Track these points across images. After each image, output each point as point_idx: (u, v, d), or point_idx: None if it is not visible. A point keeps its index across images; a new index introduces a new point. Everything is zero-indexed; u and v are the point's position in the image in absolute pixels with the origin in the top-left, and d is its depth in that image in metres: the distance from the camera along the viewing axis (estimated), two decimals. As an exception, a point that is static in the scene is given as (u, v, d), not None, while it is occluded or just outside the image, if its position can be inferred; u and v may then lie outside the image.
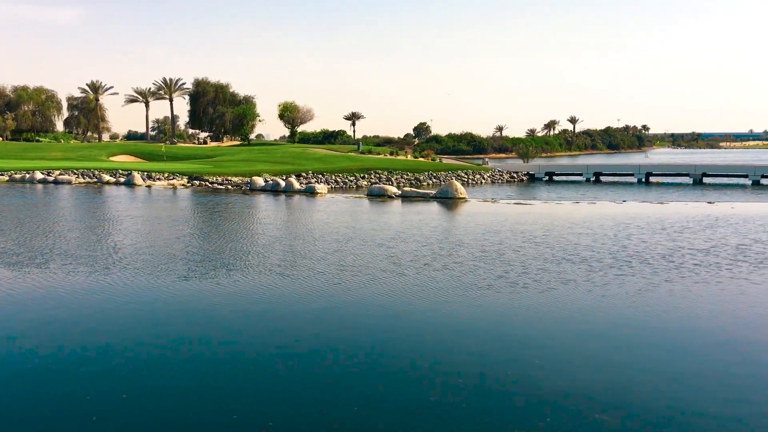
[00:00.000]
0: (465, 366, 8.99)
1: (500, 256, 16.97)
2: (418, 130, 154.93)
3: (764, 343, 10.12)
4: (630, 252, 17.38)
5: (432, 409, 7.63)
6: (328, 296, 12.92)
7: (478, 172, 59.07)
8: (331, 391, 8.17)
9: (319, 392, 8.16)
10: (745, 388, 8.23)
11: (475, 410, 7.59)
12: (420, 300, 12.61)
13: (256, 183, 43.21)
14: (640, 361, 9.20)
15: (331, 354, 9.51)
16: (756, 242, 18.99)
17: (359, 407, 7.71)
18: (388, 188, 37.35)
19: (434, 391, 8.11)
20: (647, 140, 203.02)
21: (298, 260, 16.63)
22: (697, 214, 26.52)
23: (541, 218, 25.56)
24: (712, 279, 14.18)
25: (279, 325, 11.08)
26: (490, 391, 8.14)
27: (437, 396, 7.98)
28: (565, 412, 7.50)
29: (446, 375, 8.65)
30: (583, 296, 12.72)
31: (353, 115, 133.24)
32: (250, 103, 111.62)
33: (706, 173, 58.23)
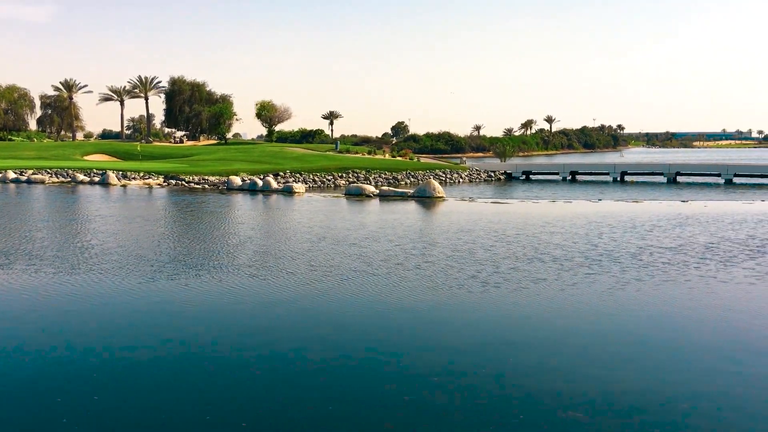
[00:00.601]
0: (436, 365, 9.00)
1: (472, 255, 16.93)
2: (396, 129, 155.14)
3: (730, 339, 10.26)
4: (600, 251, 17.46)
5: (406, 407, 7.64)
6: (295, 297, 12.78)
7: (455, 172, 59.29)
8: (302, 391, 8.14)
9: (290, 392, 8.12)
10: (719, 382, 8.35)
11: (450, 408, 7.61)
12: (390, 300, 12.52)
13: (233, 182, 42.93)
14: (609, 358, 9.27)
15: (298, 354, 9.44)
16: (725, 240, 19.23)
17: (334, 406, 7.69)
18: (366, 187, 37.33)
19: (407, 390, 8.12)
20: (622, 140, 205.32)
21: (268, 260, 16.47)
22: (670, 212, 26.86)
23: (516, 217, 25.73)
24: (681, 277, 14.24)
25: (244, 326, 10.94)
26: (463, 389, 8.16)
27: (411, 395, 8.00)
28: (536, 409, 7.56)
29: (417, 375, 8.66)
30: (553, 295, 12.73)
31: (331, 114, 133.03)
32: (227, 102, 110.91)
33: (679, 172, 59.03)
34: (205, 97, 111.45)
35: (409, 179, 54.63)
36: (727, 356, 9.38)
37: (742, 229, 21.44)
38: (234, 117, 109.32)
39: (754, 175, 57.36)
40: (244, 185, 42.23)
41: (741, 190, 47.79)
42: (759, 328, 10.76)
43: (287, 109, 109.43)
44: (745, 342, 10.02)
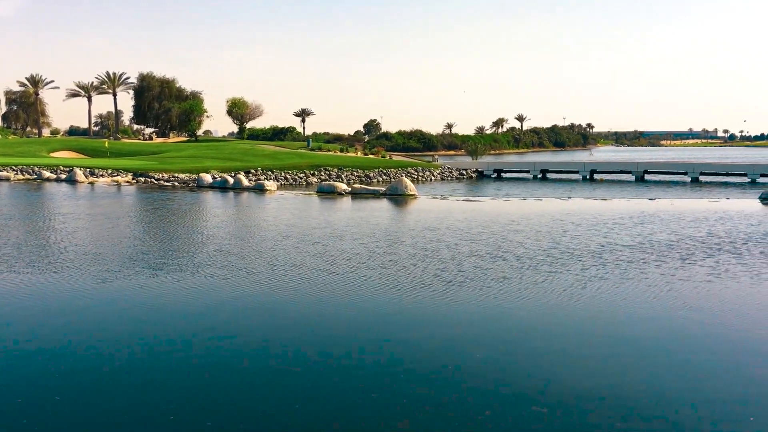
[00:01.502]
0: (399, 362, 8.99)
1: (437, 253, 16.83)
2: (369, 127, 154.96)
3: (689, 336, 10.41)
4: (563, 249, 17.48)
5: (374, 402, 7.64)
6: (250, 296, 12.60)
7: (427, 169, 59.46)
8: (260, 389, 8.13)
9: (248, 390, 8.08)
10: (677, 378, 8.49)
11: (415, 403, 7.63)
12: (348, 300, 12.38)
13: (203, 180, 42.50)
14: (570, 355, 9.33)
15: (256, 353, 9.39)
16: (686, 238, 19.43)
17: (301, 404, 7.66)
18: (338, 185, 37.24)
19: (372, 387, 8.12)
20: (592, 138, 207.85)
21: (229, 259, 16.24)
22: (637, 210, 27.24)
23: (485, 215, 25.83)
24: (641, 275, 14.26)
25: (196, 325, 10.81)
26: (429, 384, 8.19)
27: (377, 393, 7.99)
28: (503, 404, 7.62)
29: (377, 372, 8.67)
30: (515, 294, 12.72)
31: (303, 111, 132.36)
32: (197, 99, 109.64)
33: (647, 171, 59.90)
34: (174, 94, 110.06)
35: (381, 177, 54.64)
36: (684, 353, 9.50)
37: (704, 227, 21.75)
38: (204, 114, 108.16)
39: (719, 173, 58.45)
40: (214, 183, 41.85)
41: (707, 188, 48.69)
42: (715, 326, 10.84)
43: (259, 106, 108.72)
44: (701, 339, 10.13)
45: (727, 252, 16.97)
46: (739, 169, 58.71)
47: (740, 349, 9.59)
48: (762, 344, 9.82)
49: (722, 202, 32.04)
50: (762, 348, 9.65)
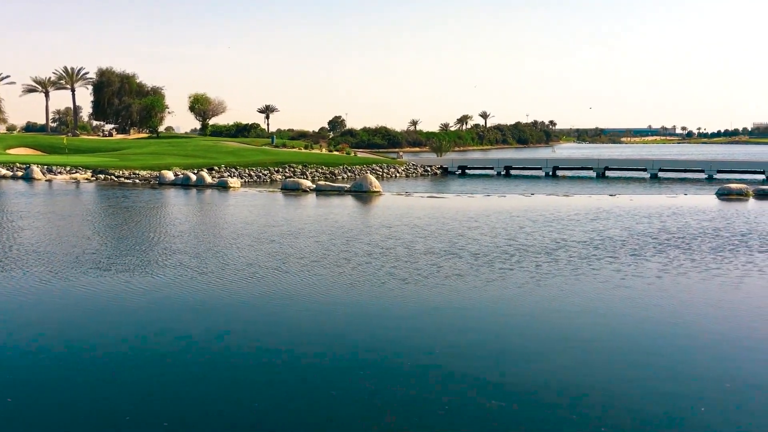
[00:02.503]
0: (352, 360, 8.96)
1: (393, 251, 16.61)
2: (333, 123, 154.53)
3: (642, 333, 10.57)
4: (518, 245, 17.39)
5: (330, 399, 7.62)
6: (195, 297, 12.32)
7: (392, 166, 59.57)
8: (206, 387, 8.07)
9: (194, 389, 8.02)
10: (628, 375, 8.61)
11: (373, 400, 7.62)
12: (295, 299, 12.15)
13: (165, 177, 41.88)
14: (524, 352, 9.38)
15: (187, 354, 9.26)
16: (640, 234, 19.55)
17: (260, 403, 7.59)
18: (302, 182, 37.03)
19: (325, 385, 8.09)
20: (554, 135, 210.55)
21: (179, 258, 15.86)
22: (597, 206, 27.61)
23: (445, 212, 25.78)
24: (593, 272, 14.24)
25: (134, 324, 10.60)
26: (384, 381, 8.19)
27: (333, 390, 7.97)
28: (458, 399, 7.66)
29: (329, 368, 8.62)
30: (468, 291, 12.61)
31: (267, 108, 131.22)
32: (158, 95, 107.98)
33: (608, 167, 60.99)
34: (135, 90, 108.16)
35: (346, 174, 54.55)
36: (633, 350, 9.57)
37: (660, 223, 22.01)
38: (166, 110, 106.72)
39: (677, 169, 59.80)
40: (177, 180, 41.26)
41: (666, 184, 49.78)
42: (664, 323, 10.88)
43: (222, 102, 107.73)
44: (649, 335, 10.16)
45: (679, 247, 17.11)
46: (696, 165, 60.16)
47: (689, 345, 9.67)
48: (710, 340, 9.92)
49: (680, 198, 32.71)
50: (711, 343, 9.75)
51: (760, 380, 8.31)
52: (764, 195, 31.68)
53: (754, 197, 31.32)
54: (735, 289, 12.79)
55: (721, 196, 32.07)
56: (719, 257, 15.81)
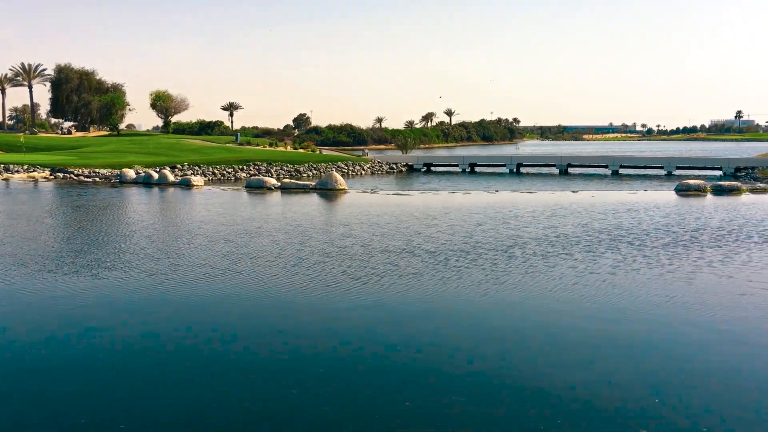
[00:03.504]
0: (305, 362, 8.93)
1: (349, 250, 16.49)
2: (298, 121, 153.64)
3: (596, 330, 10.73)
4: (474, 243, 17.40)
5: (281, 398, 7.56)
6: (135, 298, 12.10)
7: (358, 164, 59.48)
8: (153, 387, 8.07)
9: (146, 390, 7.98)
10: (586, 374, 8.75)
11: (329, 398, 7.61)
12: (241, 299, 12.03)
13: (126, 175, 41.16)
14: (476, 349, 9.44)
15: (134, 356, 9.17)
16: (599, 230, 19.86)
17: (210, 401, 7.52)
18: (267, 180, 36.75)
19: (275, 384, 8.04)
20: (518, 132, 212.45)
21: (129, 259, 15.54)
22: (558, 203, 27.97)
23: (407, 209, 25.79)
24: (547, 269, 14.32)
25: (88, 328, 10.41)
26: (346, 382, 8.18)
27: (294, 388, 7.91)
28: (419, 397, 7.72)
29: (283, 368, 8.61)
30: (423, 289, 12.61)
31: (231, 105, 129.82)
32: (118, 91, 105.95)
33: (571, 164, 61.78)
34: (95, 86, 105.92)
35: (311, 171, 54.31)
36: (586, 345, 9.77)
37: (620, 219, 22.36)
38: (127, 107, 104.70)
39: (638, 166, 60.89)
40: (138, 178, 40.62)
41: (626, 181, 50.61)
42: (614, 321, 11.05)
43: (184, 99, 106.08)
44: (602, 332, 10.32)
45: (633, 244, 17.27)
46: (656, 162, 61.32)
47: (639, 342, 9.80)
48: (662, 336, 10.08)
49: (640, 194, 33.34)
50: (663, 340, 9.91)
51: (709, 372, 8.54)
52: (721, 190, 32.48)
53: (711, 193, 32.09)
54: (686, 284, 12.98)
55: (680, 192, 32.77)
56: (671, 253, 16.03)
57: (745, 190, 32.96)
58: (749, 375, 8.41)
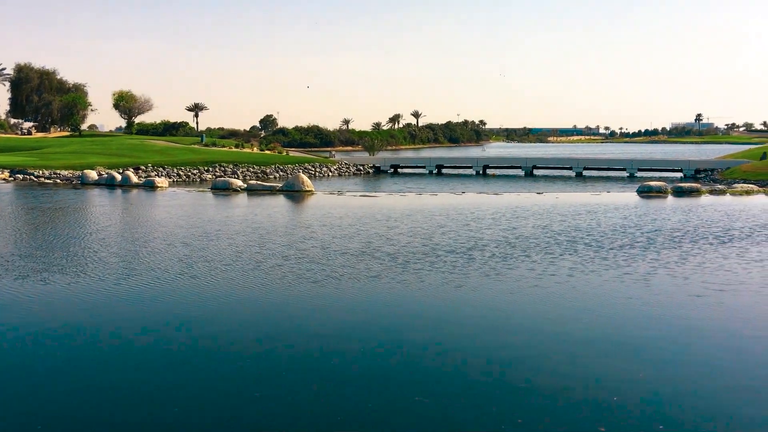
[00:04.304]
0: (259, 366, 8.93)
1: (308, 253, 16.32)
2: (265, 122, 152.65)
3: (562, 332, 10.88)
4: (433, 245, 17.34)
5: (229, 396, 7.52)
6: (81, 304, 11.84)
7: (325, 165, 59.37)
8: (86, 392, 8.02)
9: (72, 395, 7.93)
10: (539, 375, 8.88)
11: (291, 399, 7.60)
12: (194, 304, 11.85)
13: (88, 177, 40.41)
14: (434, 350, 9.52)
15: (95, 360, 9.11)
16: (558, 232, 20.09)
17: (130, 409, 7.43)
18: (233, 181, 36.44)
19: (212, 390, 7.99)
20: (484, 134, 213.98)
21: (81, 263, 15.17)
22: (522, 204, 28.26)
23: (372, 211, 25.72)
24: (507, 270, 14.37)
25: (29, 332, 10.25)
26: (302, 383, 8.17)
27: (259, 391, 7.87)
28: (386, 396, 7.76)
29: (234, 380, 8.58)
30: (382, 293, 12.57)
31: (196, 106, 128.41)
32: (80, 91, 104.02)
33: (536, 166, 62.54)
34: (56, 86, 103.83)
35: (278, 173, 54.04)
36: (545, 346, 9.93)
37: (577, 221, 22.59)
38: (89, 107, 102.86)
39: (601, 168, 61.91)
40: (101, 180, 39.91)
41: (590, 182, 51.43)
42: (572, 321, 11.26)
43: (148, 99, 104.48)
44: (560, 335, 10.45)
45: (591, 246, 17.43)
46: (619, 164, 62.42)
47: (597, 343, 9.94)
48: (619, 337, 10.24)
49: (603, 196, 33.88)
50: (621, 341, 10.07)
51: (663, 372, 8.71)
52: (681, 192, 33.19)
53: (672, 194, 32.77)
54: (644, 286, 13.17)
55: (641, 193, 33.39)
56: (629, 254, 16.24)
57: (705, 192, 33.71)
58: (704, 374, 8.60)
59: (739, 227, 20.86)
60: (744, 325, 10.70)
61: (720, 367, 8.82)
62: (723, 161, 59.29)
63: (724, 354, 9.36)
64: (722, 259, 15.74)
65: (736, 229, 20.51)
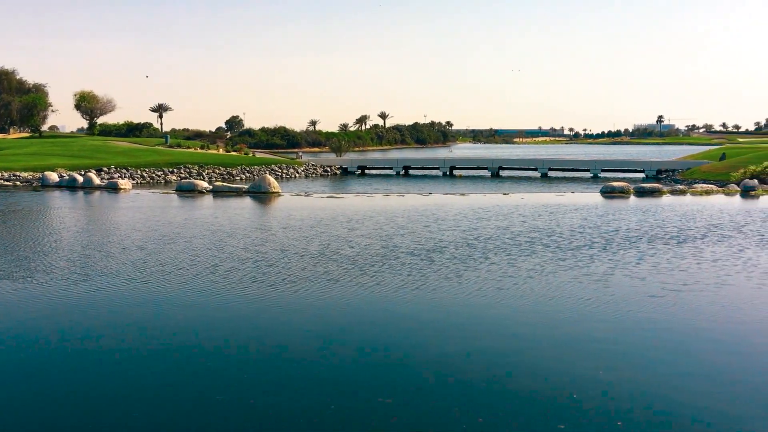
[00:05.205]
0: (209, 370, 8.91)
1: (266, 256, 16.13)
2: (231, 123, 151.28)
3: (522, 335, 11.03)
4: (392, 247, 17.28)
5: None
6: (34, 310, 11.59)
7: (292, 166, 59.14)
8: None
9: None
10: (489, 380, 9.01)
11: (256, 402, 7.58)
12: (145, 310, 11.61)
13: (49, 178, 39.59)
14: (404, 349, 9.62)
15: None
16: (523, 232, 20.29)
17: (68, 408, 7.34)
18: (198, 183, 36.05)
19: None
20: (451, 136, 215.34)
21: (28, 267, 14.80)
22: (484, 205, 28.41)
23: (335, 212, 25.64)
24: (467, 272, 14.34)
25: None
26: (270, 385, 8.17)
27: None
28: (350, 397, 7.80)
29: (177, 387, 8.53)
30: (339, 297, 12.47)
31: (160, 107, 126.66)
32: (41, 92, 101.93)
33: (502, 167, 63.17)
34: (15, 86, 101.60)
35: (244, 174, 53.69)
36: (506, 347, 10.07)
37: (539, 221, 22.91)
38: (49, 108, 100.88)
39: (565, 169, 62.80)
40: (62, 181, 39.13)
41: (555, 183, 52.11)
42: (534, 323, 11.45)
43: (111, 100, 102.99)
44: (520, 336, 10.63)
45: (549, 247, 17.55)
46: (583, 165, 63.37)
47: (558, 343, 10.08)
48: (579, 336, 10.41)
49: (568, 196, 34.32)
50: (579, 340, 10.26)
51: (622, 372, 8.88)
52: (643, 192, 33.83)
53: (634, 195, 33.39)
54: (602, 287, 13.35)
55: (605, 194, 33.94)
56: (587, 255, 16.43)
57: (666, 192, 34.39)
58: (662, 374, 8.77)
59: (695, 227, 21.28)
60: (699, 324, 10.94)
61: (673, 364, 9.03)
62: (683, 162, 60.59)
63: (677, 353, 9.57)
64: (679, 259, 16.04)
65: (692, 229, 20.92)
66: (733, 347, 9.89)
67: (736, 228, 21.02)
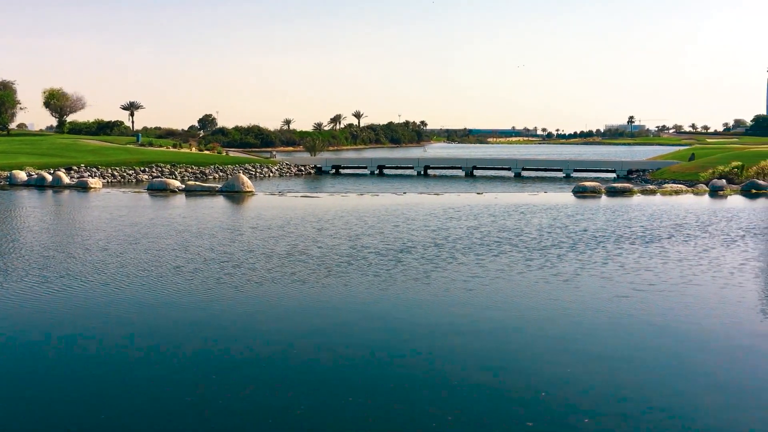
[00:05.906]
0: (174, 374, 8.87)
1: (233, 255, 15.96)
2: (204, 122, 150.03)
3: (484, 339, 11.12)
4: (359, 247, 17.23)
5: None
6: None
7: (265, 166, 58.87)
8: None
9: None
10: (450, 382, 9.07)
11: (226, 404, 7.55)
12: (102, 311, 11.45)
13: (16, 177, 38.92)
14: (371, 348, 9.64)
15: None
16: (493, 232, 20.43)
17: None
18: (170, 182, 35.69)
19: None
20: (425, 135, 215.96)
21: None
22: (455, 205, 28.52)
23: (311, 212, 25.56)
24: (435, 274, 14.31)
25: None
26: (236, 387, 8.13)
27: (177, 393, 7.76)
28: (316, 397, 7.76)
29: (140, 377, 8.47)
30: (303, 297, 12.43)
31: (131, 105, 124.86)
32: (8, 89, 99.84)
33: (476, 166, 63.51)
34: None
35: (217, 173, 53.32)
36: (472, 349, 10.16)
37: (511, 220, 23.04)
38: (17, 105, 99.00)
39: (539, 168, 63.36)
40: (30, 180, 38.54)
41: (528, 183, 52.53)
42: (504, 324, 11.56)
43: (81, 98, 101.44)
44: (492, 336, 10.77)
45: (517, 247, 17.59)
46: (556, 165, 63.97)
47: (528, 344, 10.16)
48: (549, 335, 10.51)
49: (540, 196, 34.65)
50: (549, 339, 10.34)
51: (593, 371, 8.97)
52: (614, 192, 34.27)
53: (606, 194, 33.80)
54: (571, 287, 13.43)
55: (577, 193, 34.31)
56: (557, 254, 16.55)
57: (636, 192, 34.87)
58: (630, 371, 8.88)
59: (665, 227, 21.58)
60: (665, 323, 11.08)
61: (641, 361, 9.17)
62: (654, 162, 61.49)
63: (645, 351, 9.70)
64: (647, 258, 16.24)
65: (661, 228, 21.21)
66: (701, 344, 10.10)
67: (702, 228, 21.36)
